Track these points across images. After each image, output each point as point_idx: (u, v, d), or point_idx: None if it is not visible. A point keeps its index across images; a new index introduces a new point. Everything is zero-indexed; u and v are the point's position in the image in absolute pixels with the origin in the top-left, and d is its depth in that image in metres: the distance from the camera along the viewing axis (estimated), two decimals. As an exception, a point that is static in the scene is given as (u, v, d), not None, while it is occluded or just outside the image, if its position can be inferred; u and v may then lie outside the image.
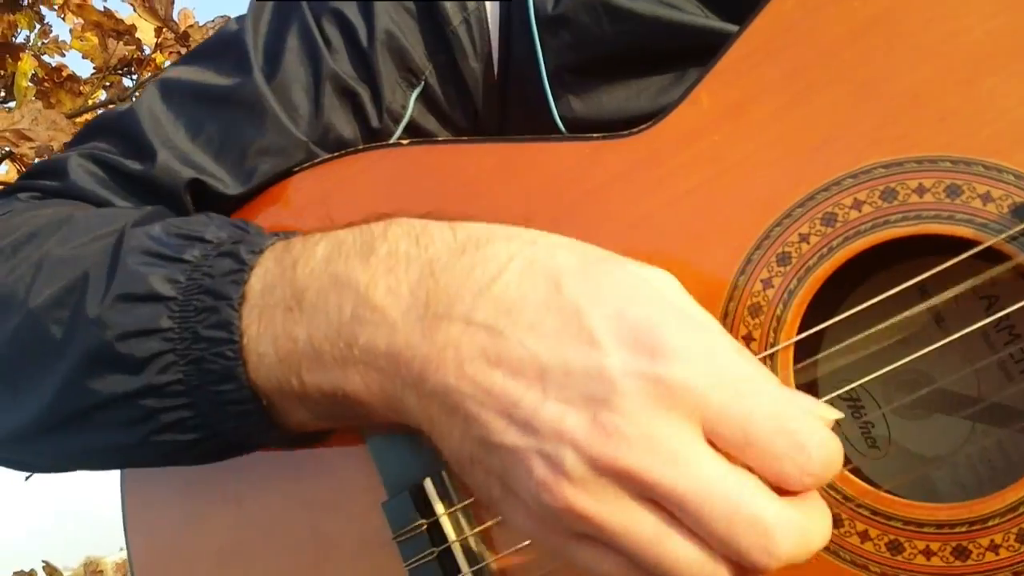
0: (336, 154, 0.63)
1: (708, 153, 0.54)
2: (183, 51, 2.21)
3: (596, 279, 0.42)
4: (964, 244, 0.48)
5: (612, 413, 0.39)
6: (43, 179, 0.64)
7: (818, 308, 0.52)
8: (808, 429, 0.40)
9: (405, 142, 0.62)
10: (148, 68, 2.56)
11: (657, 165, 0.55)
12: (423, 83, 0.65)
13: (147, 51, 2.46)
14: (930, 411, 0.59)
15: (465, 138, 0.61)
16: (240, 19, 0.67)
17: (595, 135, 0.56)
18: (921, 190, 0.49)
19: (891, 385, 0.58)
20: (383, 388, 0.46)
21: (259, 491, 0.63)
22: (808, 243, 0.51)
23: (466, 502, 0.57)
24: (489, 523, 0.56)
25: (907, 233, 0.49)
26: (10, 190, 0.65)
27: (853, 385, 0.56)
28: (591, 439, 0.39)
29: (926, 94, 0.49)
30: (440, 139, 0.62)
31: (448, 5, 0.63)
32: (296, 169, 0.63)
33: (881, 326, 0.50)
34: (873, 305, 0.51)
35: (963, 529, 0.48)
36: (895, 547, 0.50)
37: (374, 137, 0.64)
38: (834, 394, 0.53)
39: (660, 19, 0.61)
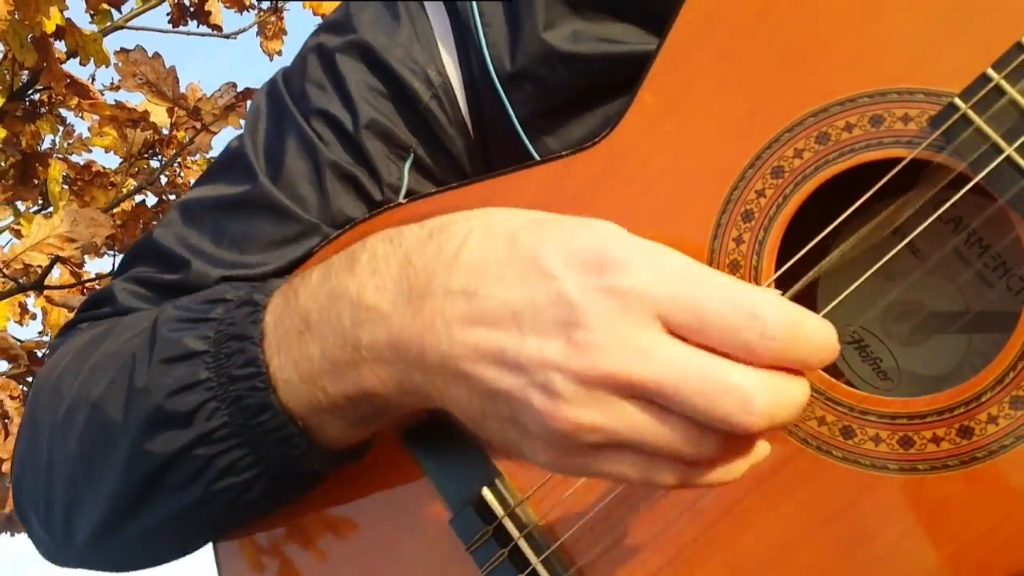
0: (344, 229, 0.70)
1: (663, 143, 0.60)
2: (197, 125, 2.31)
3: (545, 228, 0.49)
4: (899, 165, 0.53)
5: (581, 330, 0.45)
6: (95, 309, 0.73)
7: (795, 258, 0.57)
8: (759, 299, 0.44)
9: (403, 201, 0.70)
10: (170, 146, 2.67)
11: (622, 164, 0.61)
12: (412, 154, 0.72)
13: (165, 131, 2.56)
14: (928, 334, 0.63)
15: (452, 184, 0.67)
16: (239, 136, 0.75)
17: (564, 152, 0.63)
18: (849, 127, 0.54)
19: (887, 319, 0.63)
20: (394, 376, 0.52)
21: (344, 543, 0.69)
22: (765, 196, 0.57)
23: (521, 500, 0.62)
24: (531, 493, 0.62)
25: (848, 165, 0.55)
26: (71, 323, 0.74)
27: (854, 328, 0.61)
28: (570, 358, 0.45)
29: (833, 44, 0.55)
30: (430, 191, 0.69)
31: (416, 85, 0.71)
32: (315, 250, 0.70)
33: (866, 275, 0.55)
34: (852, 244, 0.57)
35: (961, 410, 0.53)
36: (906, 442, 0.54)
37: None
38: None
39: (606, 55, 0.68)
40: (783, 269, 0.56)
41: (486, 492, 0.62)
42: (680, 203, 0.59)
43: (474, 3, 0.70)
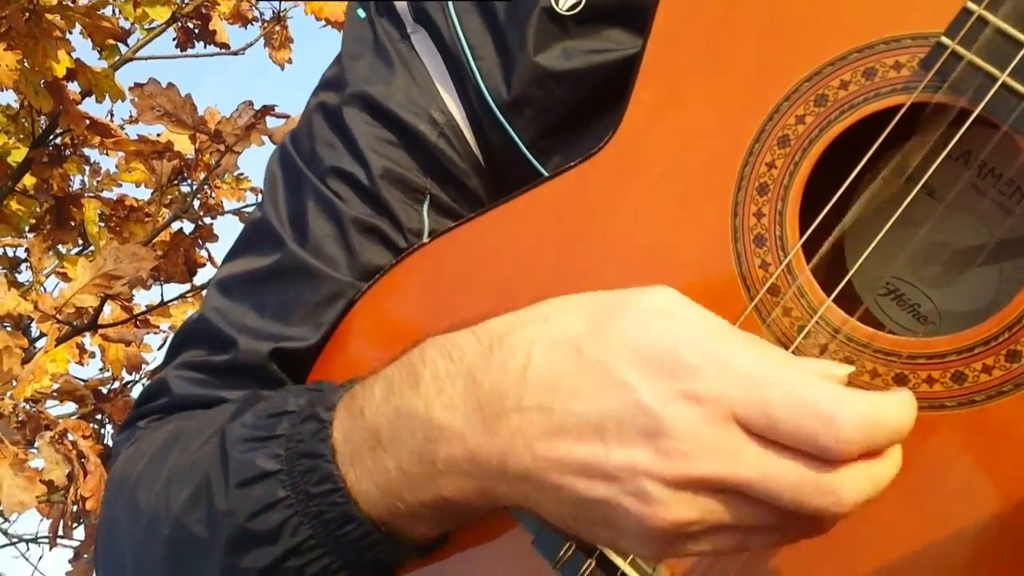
0: (375, 278, 0.73)
1: (666, 136, 0.61)
2: (221, 147, 2.34)
3: (607, 332, 0.49)
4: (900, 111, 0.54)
5: (666, 439, 0.46)
6: (152, 402, 0.75)
7: (816, 222, 0.58)
8: (833, 404, 0.45)
9: (426, 241, 0.72)
10: (197, 170, 2.70)
11: (630, 164, 0.63)
12: (428, 195, 0.73)
13: (190, 156, 2.60)
14: (959, 271, 0.64)
15: (471, 214, 0.69)
16: (260, 205, 0.77)
17: (573, 162, 0.64)
18: (844, 84, 0.55)
19: (917, 263, 0.63)
20: (475, 488, 0.54)
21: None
22: (776, 167, 0.58)
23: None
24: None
25: (851, 122, 0.56)
26: (129, 421, 0.77)
27: (886, 279, 0.62)
28: (660, 465, 0.46)
29: (813, 8, 0.57)
30: (451, 225, 0.70)
31: (422, 127, 0.72)
32: (352, 302, 0.73)
33: (888, 225, 0.56)
34: (868, 199, 0.57)
35: (1005, 336, 0.54)
36: (959, 377, 0.55)
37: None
38: (875, 295, 0.59)
39: (599, 65, 0.70)
40: (806, 235, 0.57)
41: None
42: (694, 190, 0.60)
43: (463, 40, 0.72)
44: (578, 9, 0.69)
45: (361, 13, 0.79)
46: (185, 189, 3.00)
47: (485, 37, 0.72)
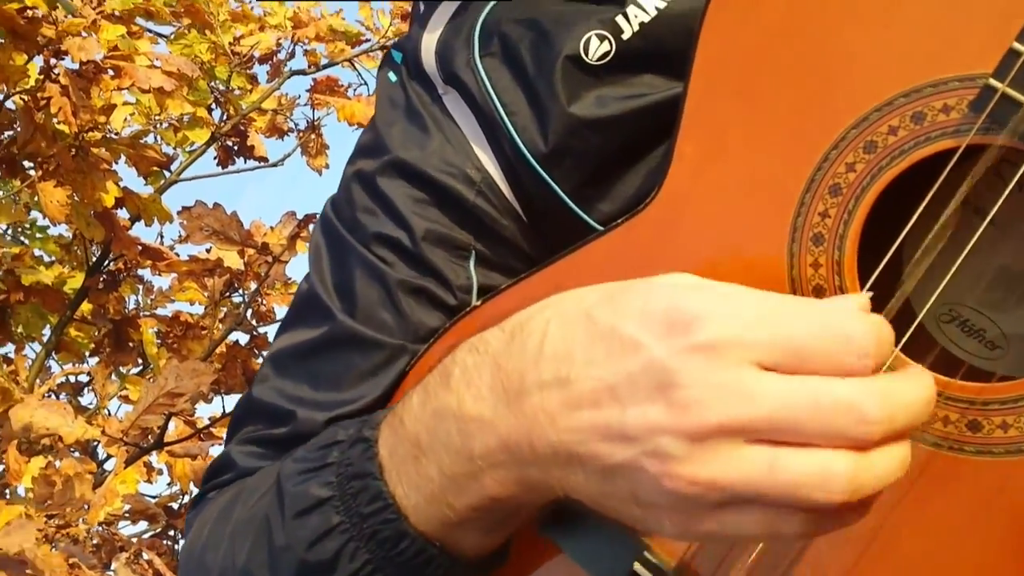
0: (430, 342, 0.73)
1: (712, 190, 0.61)
2: (268, 259, 2.39)
3: (616, 299, 0.51)
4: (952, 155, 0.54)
5: (679, 389, 0.46)
6: (218, 477, 0.76)
7: (878, 269, 0.57)
8: (844, 320, 0.46)
9: (478, 303, 0.72)
10: (247, 279, 2.75)
11: (677, 220, 0.62)
12: (473, 251, 0.74)
13: (240, 269, 2.65)
14: (1019, 291, 0.63)
15: (519, 277, 0.69)
16: (307, 278, 0.78)
17: (619, 220, 0.64)
18: (893, 130, 0.55)
19: (979, 290, 0.62)
20: (512, 477, 0.54)
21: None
22: (829, 216, 0.57)
23: (674, 566, 0.62)
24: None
25: (903, 168, 0.55)
26: (200, 495, 0.77)
27: (950, 307, 0.61)
28: (675, 418, 0.46)
29: (852, 53, 0.56)
30: (501, 288, 0.70)
31: (459, 187, 0.73)
32: (407, 368, 0.73)
33: (957, 263, 0.55)
34: (927, 244, 0.57)
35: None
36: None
37: (456, 313, 0.73)
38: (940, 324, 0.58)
39: (634, 110, 0.69)
40: (868, 285, 0.56)
41: (637, 567, 0.62)
42: (746, 243, 0.60)
43: (495, 97, 0.72)
44: (608, 58, 0.70)
45: (392, 76, 0.81)
46: (237, 299, 3.05)
47: (516, 92, 0.72)
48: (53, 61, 2.20)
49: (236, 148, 3.33)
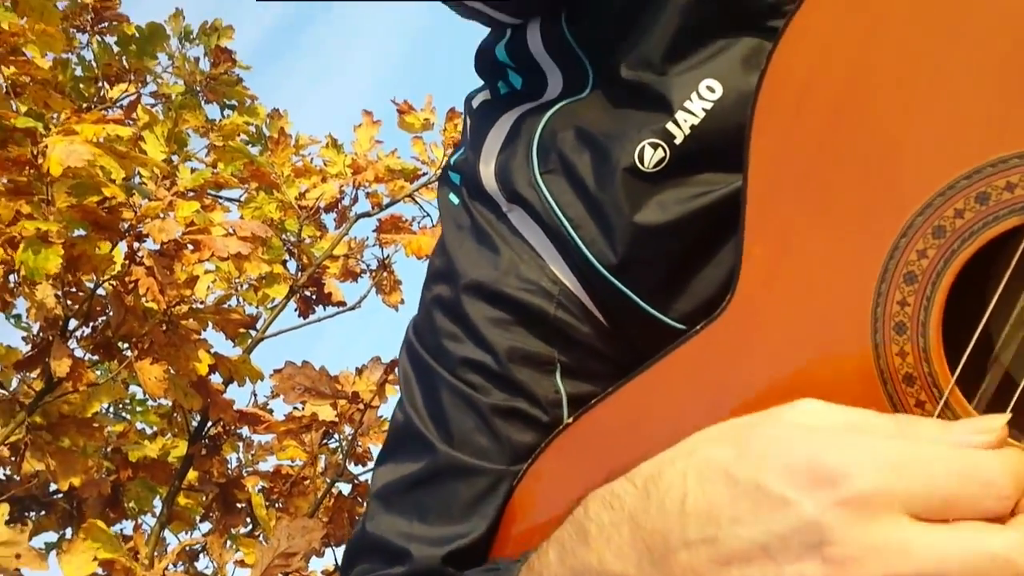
0: (529, 461, 0.73)
1: (786, 287, 0.62)
2: (360, 406, 2.43)
3: (753, 452, 0.51)
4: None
5: (834, 546, 0.46)
6: None
7: (960, 349, 0.57)
8: (983, 464, 0.46)
9: (570, 420, 0.72)
10: (342, 424, 2.79)
11: (757, 321, 0.63)
12: (558, 364, 0.74)
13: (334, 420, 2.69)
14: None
15: (609, 389, 0.70)
16: (400, 406, 0.79)
17: (699, 326, 0.65)
18: (959, 213, 0.55)
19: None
20: None
21: None
22: (909, 304, 0.57)
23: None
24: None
25: (975, 249, 0.55)
26: None
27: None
28: (831, 574, 0.46)
29: (911, 139, 0.57)
30: (592, 402, 0.71)
31: (537, 301, 0.74)
32: (510, 490, 0.74)
33: None
34: (1010, 306, 0.57)
35: None
36: None
37: (550, 431, 0.74)
38: None
39: (698, 210, 0.71)
40: (958, 370, 0.56)
41: None
42: (829, 339, 0.60)
43: (560, 213, 0.74)
44: (664, 164, 0.71)
45: (454, 198, 0.83)
46: (333, 445, 3.10)
47: (579, 207, 0.73)
48: (136, 245, 2.32)
49: (314, 297, 3.43)
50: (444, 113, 3.88)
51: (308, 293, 3.42)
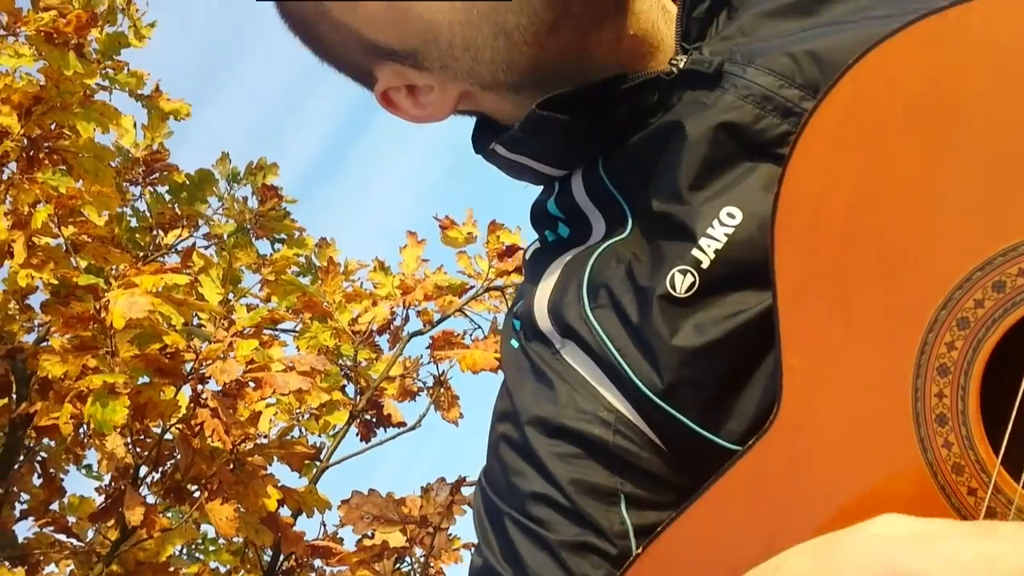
0: None
1: (827, 394, 0.64)
2: (430, 529, 2.44)
3: (835, 562, 0.53)
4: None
5: None
6: None
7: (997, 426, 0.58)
8: None
9: (639, 551, 0.74)
10: (413, 548, 2.79)
11: (805, 431, 0.65)
12: (622, 495, 0.76)
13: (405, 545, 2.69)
14: None
15: (672, 515, 0.71)
16: (478, 550, 0.82)
17: (750, 442, 0.67)
18: (979, 303, 0.58)
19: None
20: None
21: None
22: (946, 395, 0.59)
23: None
24: None
25: (1000, 334, 0.57)
26: None
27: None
28: None
29: (924, 237, 0.59)
30: (657, 531, 0.73)
31: (597, 431, 0.76)
32: None
33: None
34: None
35: None
36: None
37: (621, 563, 0.76)
38: None
39: (734, 330, 0.73)
40: (1001, 453, 0.57)
41: None
42: (875, 439, 0.62)
43: (609, 343, 0.77)
44: (695, 288, 0.74)
45: (514, 343, 0.86)
46: (405, 569, 3.09)
47: (626, 337, 0.76)
48: (199, 388, 2.38)
49: (374, 420, 3.46)
50: (486, 225, 3.97)
51: (368, 416, 3.46)
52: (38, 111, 2.78)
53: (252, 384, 2.33)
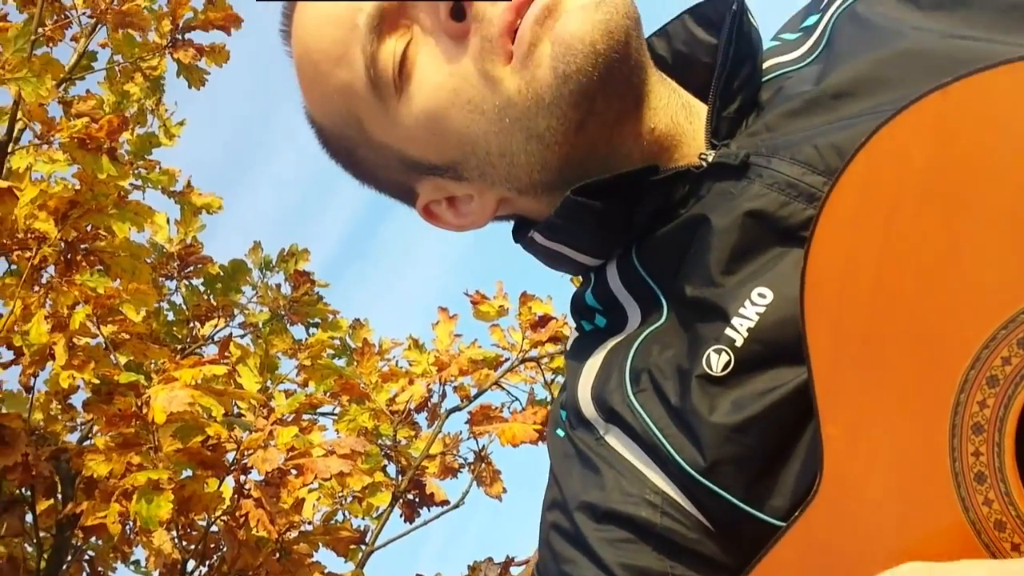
0: None
1: (867, 461, 0.65)
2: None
3: None
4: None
5: None
6: None
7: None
8: None
9: None
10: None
11: (848, 500, 0.66)
12: None
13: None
14: None
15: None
16: None
17: (795, 515, 0.68)
18: (1006, 360, 0.59)
19: None
20: None
21: None
22: (982, 453, 0.60)
23: None
24: None
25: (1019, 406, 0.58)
26: None
27: None
28: None
29: (948, 301, 0.61)
30: None
31: (644, 514, 0.77)
32: None
33: None
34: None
35: None
36: None
37: None
38: None
39: (773, 404, 0.73)
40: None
41: None
42: (917, 502, 0.62)
43: (652, 426, 0.78)
44: (731, 367, 0.75)
45: (560, 432, 0.88)
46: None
47: (667, 419, 0.78)
48: (242, 478, 2.40)
49: (417, 500, 3.45)
50: (516, 296, 4.00)
51: (411, 496, 3.45)
52: (74, 215, 2.86)
53: (294, 471, 2.34)
